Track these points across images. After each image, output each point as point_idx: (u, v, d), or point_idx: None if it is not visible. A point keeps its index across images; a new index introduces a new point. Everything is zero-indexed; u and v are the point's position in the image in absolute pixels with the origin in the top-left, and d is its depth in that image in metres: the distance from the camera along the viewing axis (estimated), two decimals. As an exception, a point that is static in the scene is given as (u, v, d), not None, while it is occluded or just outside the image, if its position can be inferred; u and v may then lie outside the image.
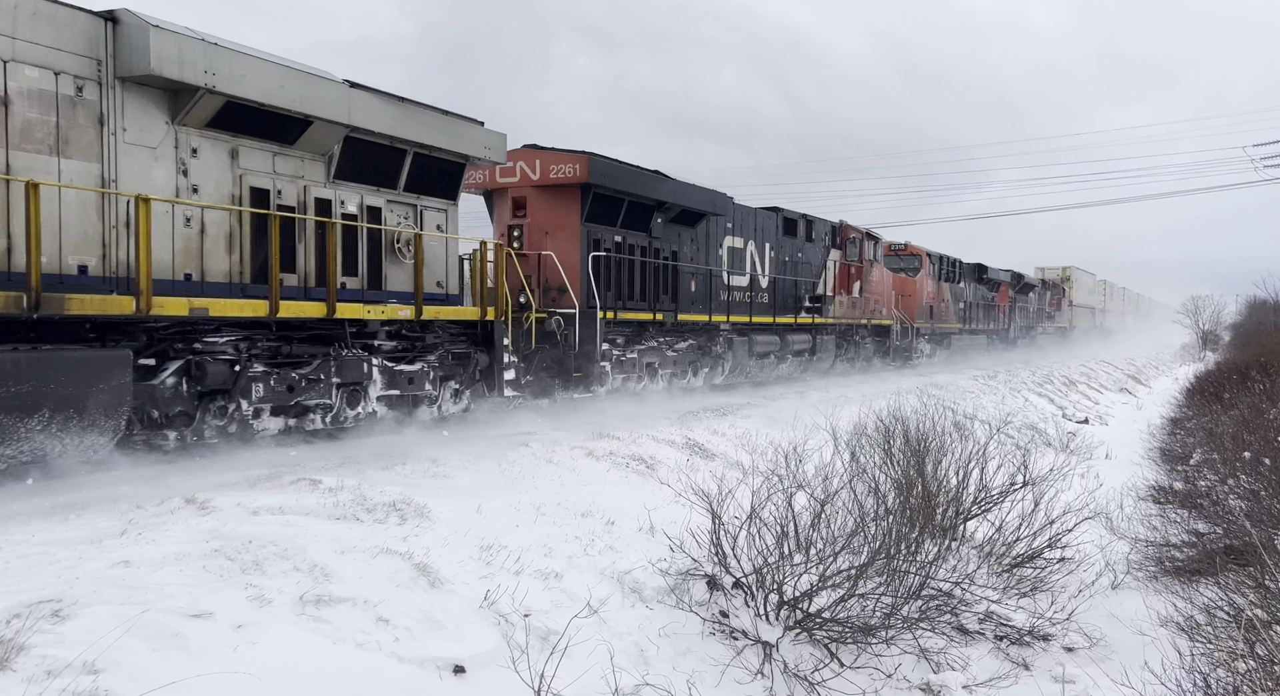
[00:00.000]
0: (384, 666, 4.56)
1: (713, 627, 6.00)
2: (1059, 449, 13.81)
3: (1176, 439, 14.35)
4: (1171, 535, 8.42)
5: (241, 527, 5.51)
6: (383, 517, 6.17)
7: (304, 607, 4.75)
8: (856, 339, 22.64)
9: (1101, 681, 5.67)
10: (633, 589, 6.22)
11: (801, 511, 6.62)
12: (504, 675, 4.69)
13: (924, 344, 27.77)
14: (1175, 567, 7.74)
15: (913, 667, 6.02)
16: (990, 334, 36.20)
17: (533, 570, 5.95)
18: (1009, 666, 6.28)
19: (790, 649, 5.90)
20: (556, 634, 5.17)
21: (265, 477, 7.07)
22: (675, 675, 5.38)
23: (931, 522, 7.45)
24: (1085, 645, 6.53)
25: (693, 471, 8.79)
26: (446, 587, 5.42)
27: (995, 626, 6.71)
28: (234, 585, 4.74)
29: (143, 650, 3.98)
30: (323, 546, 5.39)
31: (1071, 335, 50.88)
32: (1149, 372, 37.68)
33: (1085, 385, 27.24)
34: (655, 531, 6.99)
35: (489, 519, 6.54)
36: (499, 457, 8.63)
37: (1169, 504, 9.72)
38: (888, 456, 8.19)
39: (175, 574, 4.73)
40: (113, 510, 5.83)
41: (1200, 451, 11.49)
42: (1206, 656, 5.36)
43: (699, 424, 11.70)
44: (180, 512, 5.82)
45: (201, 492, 6.19)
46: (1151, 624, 6.54)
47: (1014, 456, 8.61)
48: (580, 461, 8.95)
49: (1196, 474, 10.47)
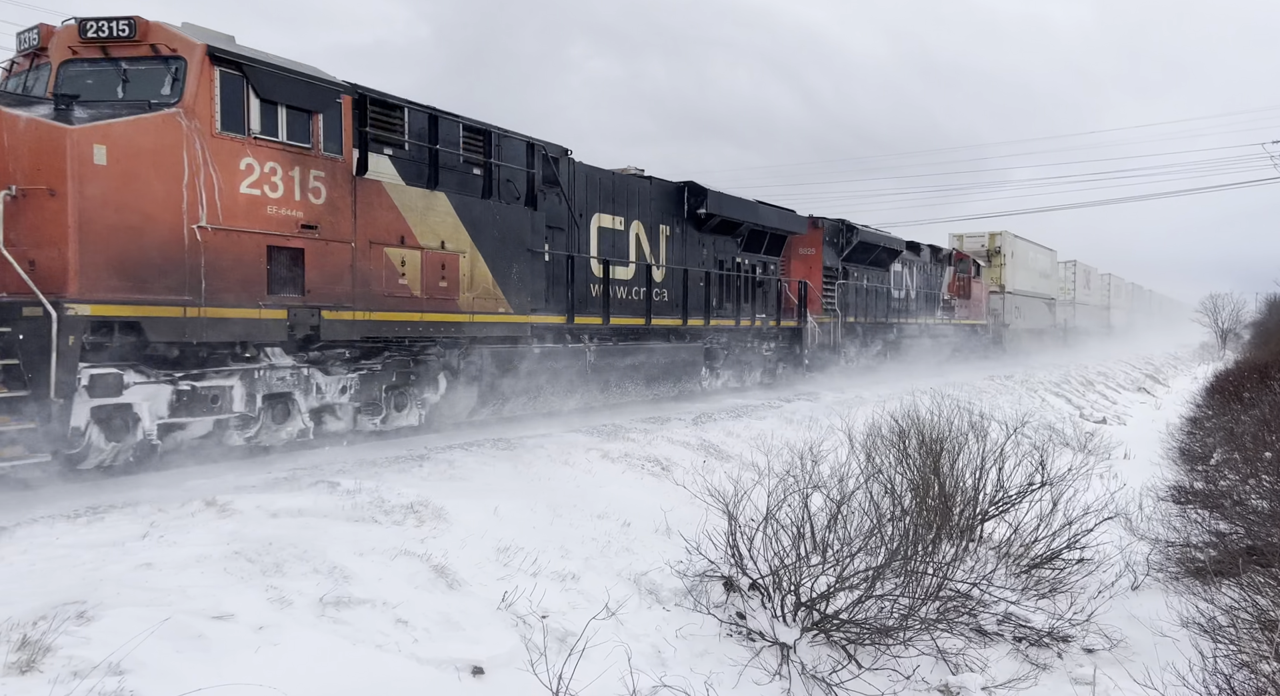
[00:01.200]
0: (404, 667, 4.59)
1: (730, 629, 6.00)
2: (1077, 449, 13.71)
3: (1196, 439, 14.23)
4: (1193, 535, 8.35)
5: (262, 530, 5.56)
6: (400, 519, 6.21)
7: (324, 609, 4.79)
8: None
9: (1123, 682, 5.63)
10: (650, 590, 6.23)
11: (818, 512, 6.62)
12: (522, 676, 4.71)
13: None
14: (1197, 568, 7.68)
15: (931, 669, 6.00)
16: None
17: (550, 571, 5.97)
18: (1028, 667, 6.25)
19: (808, 650, 5.89)
20: (574, 635, 5.19)
21: (284, 479, 7.13)
22: (693, 676, 5.38)
23: (949, 523, 7.42)
24: (1105, 646, 6.49)
25: (708, 473, 8.79)
26: (464, 589, 5.45)
27: (1014, 627, 6.67)
28: (255, 587, 4.78)
29: (167, 651, 4.02)
30: (342, 548, 5.43)
31: (1003, 338, 33.18)
32: (1167, 372, 37.34)
33: (1103, 385, 27.05)
34: (671, 533, 6.99)
35: (505, 520, 6.57)
36: (514, 459, 8.66)
37: (1190, 504, 9.63)
38: (903, 456, 8.17)
39: (197, 575, 4.78)
40: (134, 513, 5.89)
41: (1221, 451, 11.39)
42: (1229, 657, 5.32)
43: (714, 425, 11.71)
44: (201, 515, 5.87)
45: (222, 495, 6.25)
46: (1173, 625, 6.49)
47: (1031, 456, 8.56)
48: (596, 463, 8.97)
49: (1217, 474, 10.38)
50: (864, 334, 22.04)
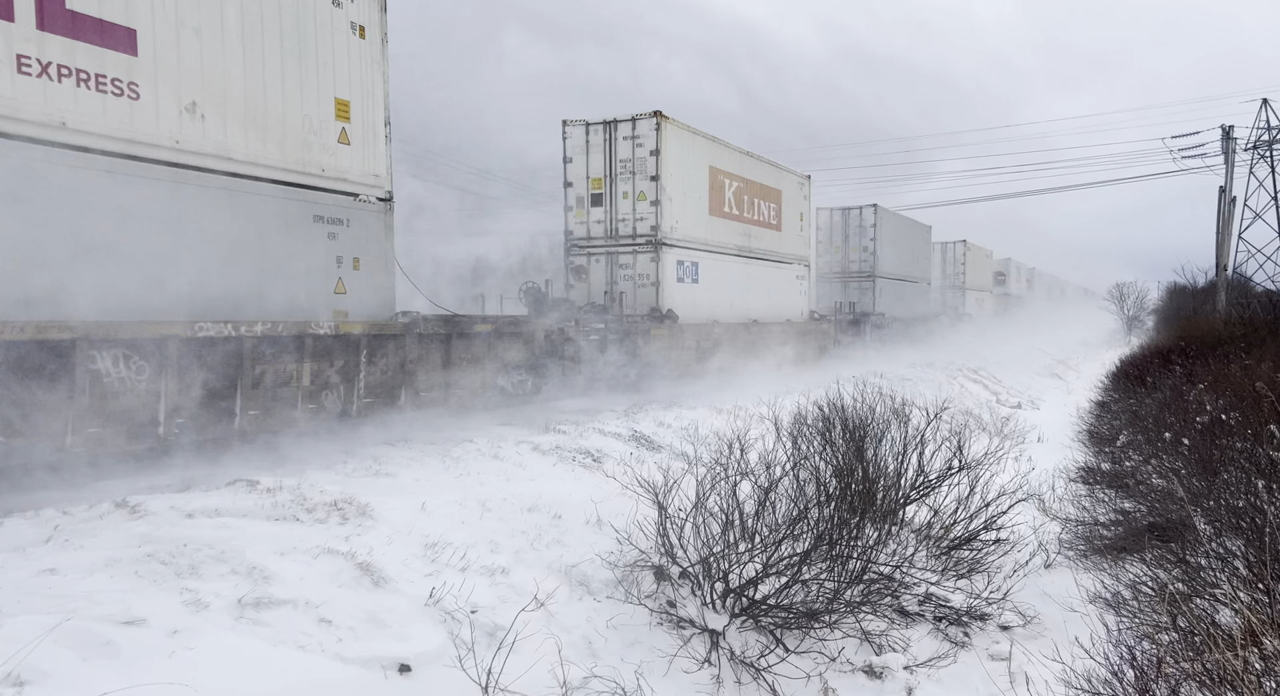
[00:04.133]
0: (327, 668, 4.49)
1: (660, 618, 6.04)
2: (993, 433, 14.21)
3: (1104, 421, 14.88)
4: (1100, 514, 8.73)
5: (176, 531, 5.36)
6: (324, 517, 6.07)
7: (243, 610, 4.65)
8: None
9: (1036, 657, 5.87)
10: (580, 582, 6.22)
11: (745, 499, 6.70)
12: (451, 673, 4.66)
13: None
14: (1104, 546, 8.04)
15: (856, 650, 6.15)
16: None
17: (479, 566, 5.91)
18: (948, 646, 6.46)
19: (737, 636, 5.98)
20: (504, 629, 5.15)
21: (199, 479, 6.89)
22: (623, 666, 5.41)
23: (872, 507, 7.61)
24: (1020, 623, 6.75)
25: (638, 463, 8.82)
26: (390, 586, 5.36)
27: (934, 607, 6.88)
28: (168, 590, 4.61)
29: (72, 659, 3.84)
30: (261, 548, 5.28)
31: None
32: (1078, 358, 38.97)
33: (1018, 369, 28.07)
34: (602, 524, 7.00)
35: (433, 516, 6.48)
36: (443, 454, 8.54)
37: (1097, 484, 10.08)
38: (827, 443, 8.34)
39: (106, 580, 4.58)
40: (36, 518, 5.62)
41: (1126, 433, 11.93)
42: (1132, 630, 5.59)
43: (645, 416, 11.74)
44: (110, 517, 5.63)
45: (133, 496, 6.00)
46: (1082, 601, 6.79)
47: (950, 441, 8.83)
48: (527, 456, 8.92)
49: (1123, 454, 10.86)
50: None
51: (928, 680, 5.90)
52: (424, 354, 10.35)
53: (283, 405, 8.35)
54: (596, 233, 16.62)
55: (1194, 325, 23.26)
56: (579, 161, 16.62)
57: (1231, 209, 28.47)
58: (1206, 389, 11.01)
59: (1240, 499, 6.16)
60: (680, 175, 16.84)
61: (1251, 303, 23.77)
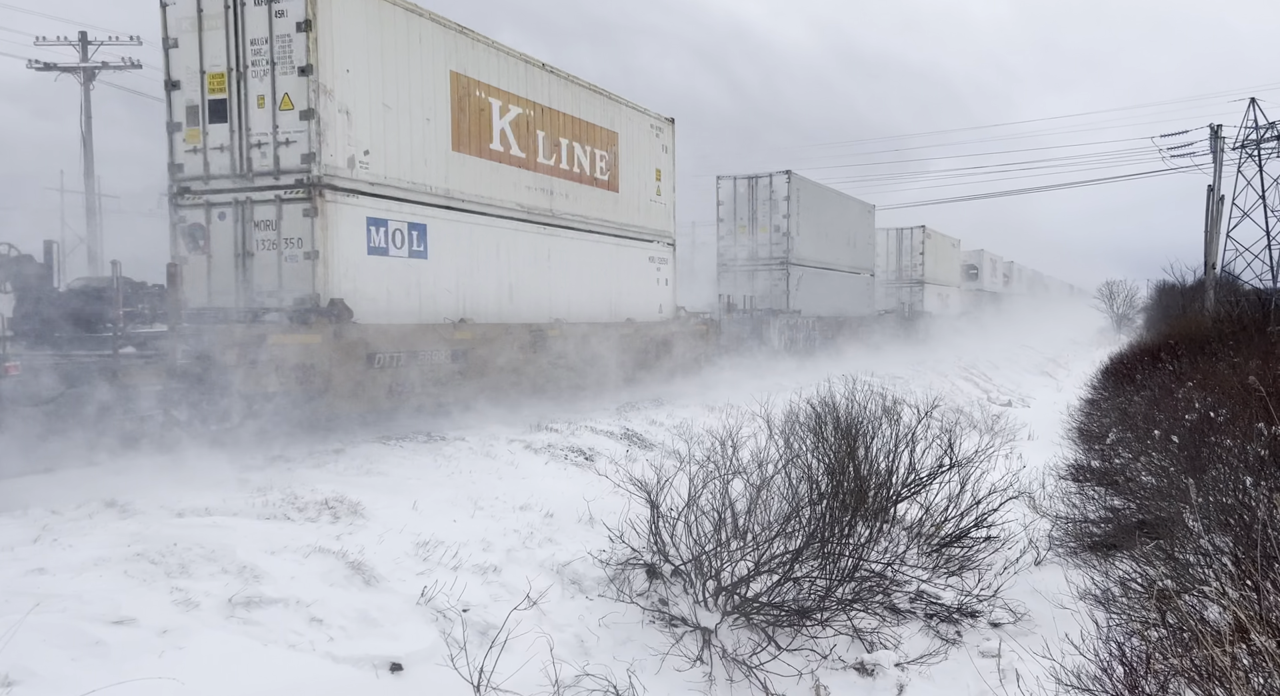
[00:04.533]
0: (318, 667, 4.48)
1: (652, 616, 6.05)
2: (984, 431, 14.27)
3: (1094, 419, 14.95)
4: (1090, 512, 8.77)
5: (166, 530, 5.34)
6: (315, 516, 6.05)
7: (233, 609, 4.63)
8: None
9: (1026, 654, 5.89)
10: (573, 580, 6.22)
11: (738, 498, 6.71)
12: (443, 671, 4.65)
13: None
14: (1094, 543, 8.08)
15: (847, 647, 6.17)
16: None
17: (471, 565, 5.91)
18: (939, 643, 6.48)
19: (729, 634, 5.98)
20: (496, 628, 5.15)
21: (189, 478, 6.86)
22: (616, 664, 5.41)
23: (863, 505, 7.62)
24: (1010, 620, 6.77)
25: (631, 462, 8.83)
26: (382, 585, 5.35)
27: (925, 605, 6.91)
28: (158, 589, 4.59)
29: (61, 659, 3.83)
30: (252, 546, 5.26)
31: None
32: (1068, 356, 39.17)
33: (1009, 367, 28.21)
34: (595, 522, 7.00)
35: (425, 515, 6.47)
36: (435, 453, 8.53)
37: (1087, 482, 10.12)
38: (820, 440, 8.35)
39: (95, 580, 4.56)
40: (25, 517, 5.58)
41: (1115, 430, 11.98)
42: (1122, 626, 5.62)
43: (637, 414, 11.75)
44: (100, 516, 5.60)
45: (122, 495, 5.98)
46: (1072, 597, 6.82)
47: (941, 439, 8.86)
48: (519, 454, 8.91)
49: (1112, 452, 10.91)
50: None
51: (919, 677, 5.92)
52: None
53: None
54: (220, 166, 9.51)
55: (1183, 323, 23.39)
56: (187, 44, 9.53)
57: (1220, 208, 28.66)
58: (1195, 387, 11.08)
59: (1229, 496, 6.20)
60: (378, 73, 9.82)
61: (1240, 301, 23.92)
